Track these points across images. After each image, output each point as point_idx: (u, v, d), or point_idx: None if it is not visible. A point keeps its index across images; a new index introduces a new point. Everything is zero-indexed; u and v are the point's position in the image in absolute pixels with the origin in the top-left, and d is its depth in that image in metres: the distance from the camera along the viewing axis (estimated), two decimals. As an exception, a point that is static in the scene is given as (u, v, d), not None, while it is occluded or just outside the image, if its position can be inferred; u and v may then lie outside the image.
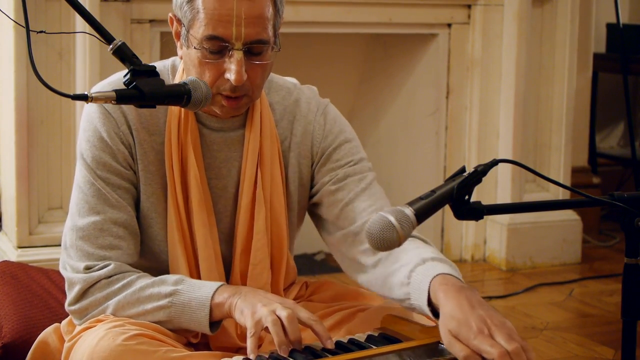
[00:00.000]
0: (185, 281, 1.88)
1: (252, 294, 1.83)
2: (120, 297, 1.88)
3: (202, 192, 1.96)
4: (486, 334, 1.62)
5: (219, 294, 1.84)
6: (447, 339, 1.66)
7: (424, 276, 1.79)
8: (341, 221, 2.00)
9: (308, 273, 3.92)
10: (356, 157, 2.04)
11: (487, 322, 1.65)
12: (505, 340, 1.61)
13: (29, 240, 3.37)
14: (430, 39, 4.24)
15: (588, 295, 3.89)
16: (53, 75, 3.32)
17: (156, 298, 1.86)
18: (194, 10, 1.84)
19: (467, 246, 4.33)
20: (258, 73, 1.87)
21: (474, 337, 1.62)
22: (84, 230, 1.93)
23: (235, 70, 1.83)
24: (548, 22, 4.26)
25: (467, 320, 1.64)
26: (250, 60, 1.85)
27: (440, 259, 1.84)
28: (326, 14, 3.91)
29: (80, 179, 1.96)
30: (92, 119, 1.95)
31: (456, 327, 1.65)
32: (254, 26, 1.83)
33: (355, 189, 2.00)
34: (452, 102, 4.24)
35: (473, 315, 1.65)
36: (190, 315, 1.84)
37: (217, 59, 1.85)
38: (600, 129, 5.31)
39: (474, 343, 1.62)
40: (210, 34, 1.83)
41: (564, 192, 4.24)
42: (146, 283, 1.88)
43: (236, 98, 1.88)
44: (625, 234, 1.64)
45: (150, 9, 3.52)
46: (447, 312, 1.68)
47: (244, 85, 1.86)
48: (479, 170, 1.62)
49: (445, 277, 1.77)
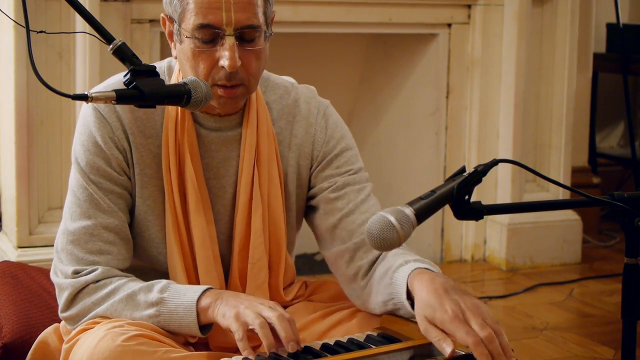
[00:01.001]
0: (170, 288, 1.87)
1: (234, 297, 1.82)
2: (108, 305, 1.88)
3: (200, 193, 1.96)
4: (461, 318, 1.67)
5: (204, 298, 1.84)
6: (424, 325, 1.70)
7: (403, 273, 1.83)
8: (338, 231, 2.00)
9: (308, 273, 3.92)
10: (355, 167, 2.05)
11: (461, 306, 1.69)
12: (479, 325, 1.65)
13: (29, 240, 3.37)
14: (430, 39, 4.24)
15: (588, 295, 3.89)
16: (53, 75, 3.32)
17: (143, 307, 1.86)
18: (184, 2, 1.85)
19: (467, 246, 4.33)
20: (252, 60, 1.88)
21: (449, 322, 1.66)
22: (74, 234, 1.93)
23: (229, 55, 1.84)
24: (548, 22, 4.26)
25: (442, 305, 1.69)
26: (243, 47, 1.86)
27: (422, 260, 1.88)
28: (326, 14, 3.91)
29: (74, 182, 1.96)
30: (88, 122, 1.95)
31: (431, 313, 1.69)
32: (244, 11, 1.84)
33: (355, 200, 2.01)
34: (452, 102, 4.24)
35: (447, 299, 1.69)
36: (179, 322, 1.84)
37: (209, 47, 1.86)
38: (600, 129, 5.30)
39: (449, 327, 1.66)
40: (200, 23, 1.84)
41: (564, 192, 4.24)
42: (133, 290, 1.88)
43: (232, 87, 1.88)
44: (625, 234, 1.64)
45: (150, 9, 3.53)
46: (421, 299, 1.73)
47: (238, 73, 1.86)
48: (479, 170, 1.62)
49: (421, 270, 1.82)
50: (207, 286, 1.87)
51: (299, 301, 2.11)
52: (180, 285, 1.89)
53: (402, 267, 1.86)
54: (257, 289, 2.01)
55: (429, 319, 1.70)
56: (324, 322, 1.99)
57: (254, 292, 2.00)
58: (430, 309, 1.70)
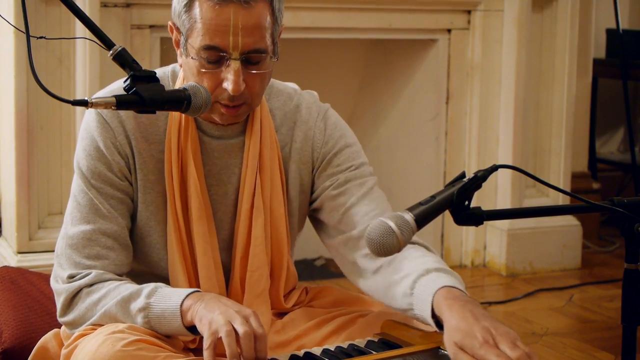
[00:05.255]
0: (157, 292, 1.85)
1: (214, 301, 1.79)
2: (100, 313, 1.88)
3: (202, 200, 1.95)
4: (491, 343, 1.63)
5: (186, 301, 1.81)
6: (453, 350, 1.66)
7: (427, 287, 1.79)
8: (342, 225, 2.00)
9: (308, 278, 3.92)
10: (357, 162, 2.04)
11: (492, 332, 1.65)
12: (509, 348, 1.62)
13: (28, 245, 3.37)
14: (430, 44, 4.24)
15: (588, 300, 3.89)
16: (53, 81, 3.32)
17: (134, 313, 1.85)
18: (192, 20, 1.84)
19: (467, 251, 4.33)
20: (257, 82, 1.87)
21: (479, 347, 1.62)
22: (72, 238, 1.93)
23: (233, 80, 1.83)
24: (548, 27, 4.27)
25: (472, 331, 1.65)
26: (248, 69, 1.85)
27: (443, 270, 1.84)
28: (326, 20, 3.91)
29: (75, 187, 1.96)
30: (90, 128, 1.95)
31: (461, 339, 1.65)
32: (251, 35, 1.82)
33: (357, 193, 2.00)
34: (452, 108, 4.24)
35: (477, 326, 1.66)
36: (168, 326, 1.83)
37: (214, 68, 1.84)
38: (600, 134, 5.31)
39: (479, 353, 1.62)
40: (207, 44, 1.82)
41: (563, 198, 4.24)
42: (123, 297, 1.87)
43: (235, 107, 1.88)
44: (625, 239, 1.64)
45: (150, 15, 3.53)
46: (451, 325, 1.68)
47: (242, 94, 1.85)
48: (479, 175, 1.62)
49: (449, 290, 1.77)
50: (192, 289, 1.85)
51: (299, 307, 2.11)
52: (167, 289, 1.87)
53: (422, 278, 1.82)
54: (256, 298, 2.00)
55: (458, 345, 1.66)
56: (324, 328, 1.99)
57: (253, 300, 1.99)
58: (460, 335, 1.66)
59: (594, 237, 4.73)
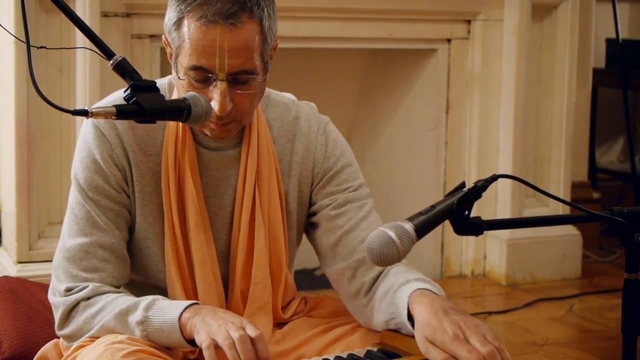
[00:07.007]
0: (155, 305, 1.85)
1: (211, 314, 1.79)
2: (98, 327, 1.87)
3: (200, 212, 1.95)
4: (462, 338, 1.66)
5: (184, 314, 1.81)
6: (424, 345, 1.70)
7: (404, 293, 1.83)
8: (340, 249, 2.00)
9: (307, 288, 3.91)
10: (356, 183, 2.05)
11: (462, 325, 1.69)
12: (480, 343, 1.65)
13: (28, 255, 3.37)
14: (430, 54, 4.25)
15: (588, 310, 3.89)
16: (53, 91, 3.32)
17: (132, 327, 1.85)
18: (180, 39, 1.83)
19: (467, 261, 4.33)
20: (245, 101, 1.86)
21: (450, 342, 1.66)
22: (70, 251, 1.93)
23: (219, 101, 1.82)
24: (547, 37, 4.27)
25: (442, 326, 1.69)
26: (236, 89, 1.84)
27: (422, 279, 1.88)
28: (326, 29, 3.91)
29: (73, 200, 1.96)
30: (87, 140, 1.95)
31: (432, 333, 1.69)
32: (238, 57, 1.81)
33: (355, 217, 2.00)
34: (451, 117, 4.24)
35: (447, 320, 1.70)
36: (167, 339, 1.83)
37: (202, 87, 1.84)
38: (600, 143, 5.31)
39: (450, 348, 1.66)
40: (194, 64, 1.82)
41: (563, 207, 4.24)
42: (120, 310, 1.86)
43: (224, 124, 1.88)
44: (625, 249, 1.64)
45: (150, 25, 3.53)
46: (422, 320, 1.73)
47: (230, 113, 1.85)
48: (479, 185, 1.62)
49: (422, 291, 1.81)
50: (190, 302, 1.85)
51: (298, 317, 2.11)
52: (165, 302, 1.87)
53: (403, 287, 1.85)
54: (258, 310, 2.00)
55: (429, 340, 1.69)
56: (324, 338, 1.99)
57: (255, 312, 1.99)
58: (430, 329, 1.70)
59: (594, 247, 4.73)
